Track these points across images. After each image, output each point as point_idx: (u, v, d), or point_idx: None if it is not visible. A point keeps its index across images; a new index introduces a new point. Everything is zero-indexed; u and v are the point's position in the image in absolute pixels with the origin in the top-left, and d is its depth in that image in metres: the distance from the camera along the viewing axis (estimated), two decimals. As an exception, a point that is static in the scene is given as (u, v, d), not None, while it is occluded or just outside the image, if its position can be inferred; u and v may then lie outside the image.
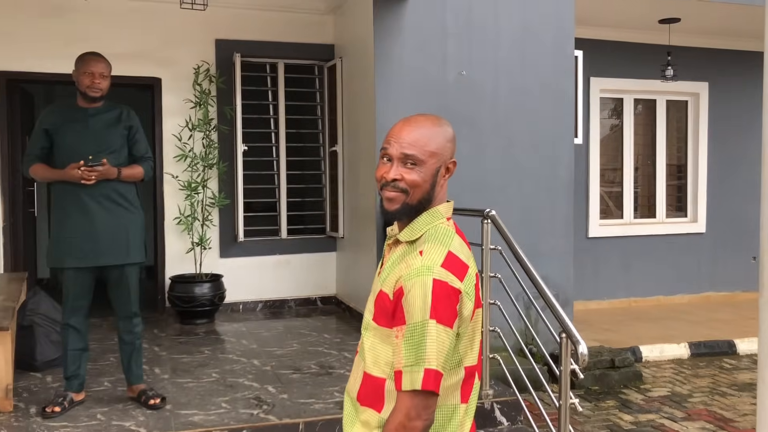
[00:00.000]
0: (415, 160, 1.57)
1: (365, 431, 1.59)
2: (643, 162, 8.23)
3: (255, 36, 6.20)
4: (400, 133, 1.59)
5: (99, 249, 3.54)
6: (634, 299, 7.93)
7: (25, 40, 5.66)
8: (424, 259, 1.50)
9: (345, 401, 1.70)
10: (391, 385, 1.55)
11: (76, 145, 3.53)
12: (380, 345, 1.57)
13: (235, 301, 6.18)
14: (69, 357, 3.62)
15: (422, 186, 1.58)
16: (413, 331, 1.46)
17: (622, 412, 4.72)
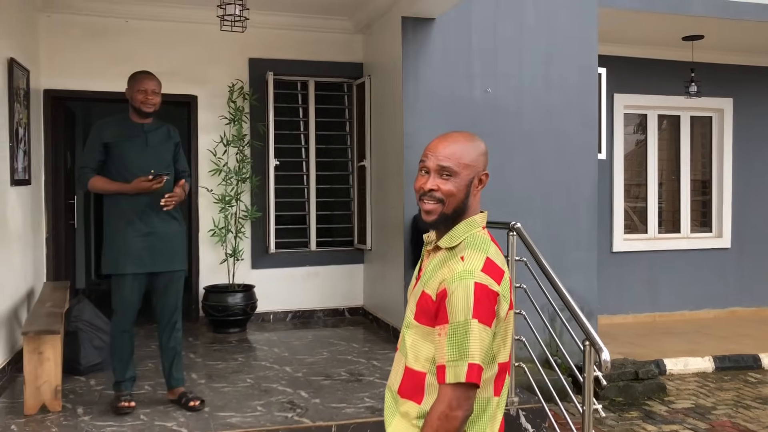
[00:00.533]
0: (450, 171, 1.72)
1: (405, 422, 1.73)
2: (668, 177, 8.30)
3: (287, 55, 6.43)
4: (437, 147, 1.75)
5: (156, 256, 3.76)
6: (659, 314, 7.97)
7: (70, 60, 5.94)
8: (465, 264, 1.65)
9: (386, 395, 1.85)
10: (431, 378, 1.69)
11: (137, 160, 3.75)
12: (421, 342, 1.72)
13: (265, 311, 6.36)
14: (126, 360, 3.83)
15: (457, 195, 1.73)
16: (456, 329, 1.60)
17: (646, 422, 4.80)
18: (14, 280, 4.81)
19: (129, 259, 3.72)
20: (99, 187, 3.77)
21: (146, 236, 3.75)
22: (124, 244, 3.72)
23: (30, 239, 5.34)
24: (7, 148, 4.59)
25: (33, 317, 4.12)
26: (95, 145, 3.78)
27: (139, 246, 3.72)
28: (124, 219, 3.74)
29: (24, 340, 3.76)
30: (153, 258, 3.76)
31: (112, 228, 3.78)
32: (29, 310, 5.09)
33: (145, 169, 3.72)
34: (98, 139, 3.78)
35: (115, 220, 3.76)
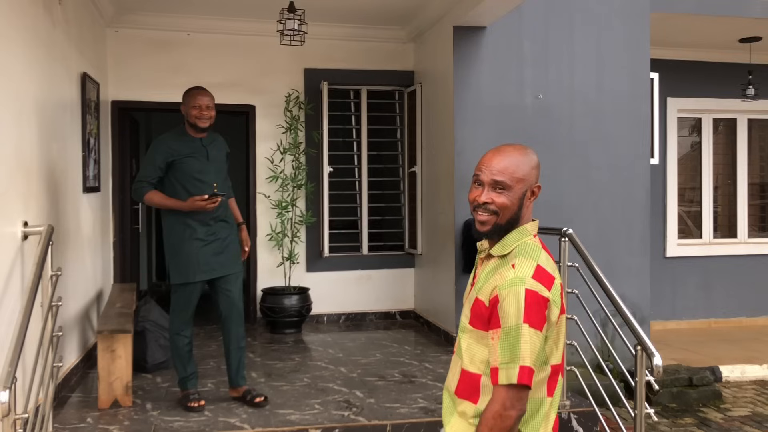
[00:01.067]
0: (504, 185, 1.81)
1: (462, 421, 1.84)
2: (724, 181, 8.16)
3: (340, 65, 6.61)
4: (491, 161, 1.84)
5: (222, 261, 3.97)
6: (715, 320, 7.84)
7: (135, 72, 6.24)
8: (516, 272, 1.75)
9: (444, 396, 1.96)
10: (486, 380, 1.79)
11: (201, 174, 3.93)
12: (475, 345, 1.82)
13: (320, 312, 6.54)
14: (186, 358, 4.05)
15: (510, 208, 1.82)
16: (508, 334, 1.70)
17: (701, 429, 4.77)
18: (86, 282, 5.09)
19: (199, 267, 3.90)
20: (156, 201, 3.93)
21: (210, 244, 3.93)
22: (192, 254, 3.89)
23: (99, 243, 5.64)
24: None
25: (105, 317, 4.38)
26: (157, 161, 3.90)
27: (206, 253, 3.91)
28: (188, 230, 3.90)
29: (98, 338, 4.00)
30: (220, 263, 3.96)
31: (176, 239, 3.93)
32: (99, 310, 5.38)
33: (209, 182, 3.92)
34: (161, 156, 3.90)
35: (178, 231, 3.92)
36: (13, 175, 3.43)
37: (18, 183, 3.50)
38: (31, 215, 3.66)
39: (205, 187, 3.90)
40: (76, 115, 4.91)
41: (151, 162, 3.93)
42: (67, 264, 4.45)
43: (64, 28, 4.53)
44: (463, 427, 1.83)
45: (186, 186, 3.92)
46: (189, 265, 3.89)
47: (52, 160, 4.22)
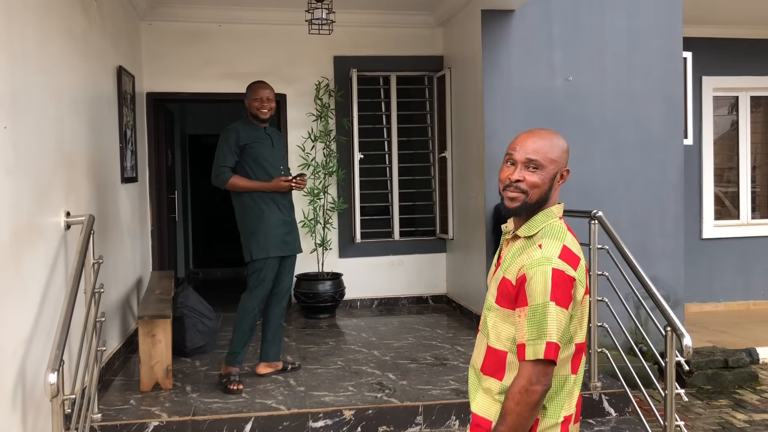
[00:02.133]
0: (537, 164, 1.84)
1: (487, 397, 1.89)
2: (762, 160, 8.00)
3: (369, 51, 6.64)
4: (525, 141, 1.87)
5: (293, 241, 4.36)
6: (753, 302, 7.72)
7: (168, 64, 6.37)
8: (543, 252, 1.78)
9: (469, 373, 2.01)
10: (512, 357, 1.84)
11: (269, 159, 4.29)
12: (501, 323, 1.86)
13: (352, 298, 6.63)
14: (249, 338, 4.28)
15: (541, 187, 1.85)
16: (535, 311, 1.74)
17: (736, 411, 4.74)
18: (126, 270, 5.26)
19: (277, 244, 4.24)
20: (240, 185, 4.21)
21: (286, 224, 4.31)
22: (271, 231, 4.23)
23: (138, 232, 5.80)
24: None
25: (145, 303, 4.53)
26: (231, 147, 4.21)
27: (282, 232, 4.27)
28: (267, 209, 4.22)
29: (139, 323, 4.15)
30: (293, 242, 4.36)
31: (255, 218, 4.23)
32: (139, 297, 5.55)
33: (276, 165, 4.32)
34: (234, 142, 4.21)
35: (256, 212, 4.22)
36: (56, 167, 3.56)
37: (60, 174, 3.64)
38: (73, 205, 3.80)
39: (272, 171, 4.27)
40: (113, 107, 5.05)
41: (227, 148, 4.22)
42: (108, 252, 4.60)
43: (100, 25, 4.65)
44: (488, 403, 1.88)
45: (255, 170, 4.24)
46: (268, 241, 4.21)
47: (92, 152, 4.36)
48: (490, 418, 1.86)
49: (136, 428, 3.60)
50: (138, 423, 3.61)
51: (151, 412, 3.75)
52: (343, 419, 3.76)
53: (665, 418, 3.28)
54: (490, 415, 1.86)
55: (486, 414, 1.87)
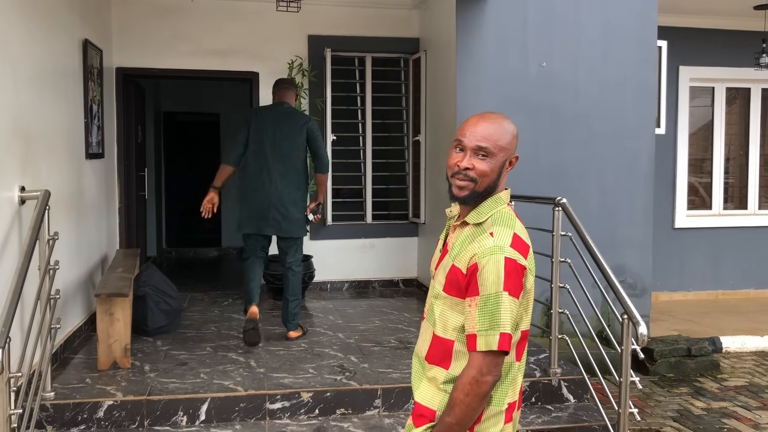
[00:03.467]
0: (487, 152, 1.80)
1: (431, 386, 1.85)
2: (736, 152, 8.04)
3: (345, 31, 6.56)
4: (476, 127, 1.82)
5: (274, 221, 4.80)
6: (722, 292, 7.80)
7: (139, 39, 6.25)
8: (495, 240, 1.75)
9: (413, 361, 1.97)
10: (458, 346, 1.80)
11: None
12: (449, 312, 1.82)
13: (323, 280, 6.60)
14: (245, 292, 4.86)
15: (490, 176, 1.81)
16: (487, 301, 1.71)
17: (695, 398, 4.79)
18: (90, 247, 5.18)
19: (251, 222, 4.84)
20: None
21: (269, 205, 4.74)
22: (246, 211, 4.81)
23: (104, 209, 5.72)
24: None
25: (105, 281, 4.46)
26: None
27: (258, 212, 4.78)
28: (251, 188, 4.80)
29: (97, 301, 4.09)
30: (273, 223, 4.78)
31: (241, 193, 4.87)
32: (103, 275, 5.47)
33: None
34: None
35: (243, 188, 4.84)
36: (10, 140, 3.48)
37: (15, 148, 3.55)
38: (30, 180, 3.72)
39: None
40: (78, 81, 4.94)
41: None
42: (70, 229, 4.52)
43: (64, -6, 4.54)
44: (432, 393, 1.85)
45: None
46: (242, 219, 4.89)
47: (53, 126, 4.27)
48: (434, 407, 1.83)
49: (89, 407, 3.56)
50: (91, 402, 3.57)
51: (106, 391, 3.70)
52: (300, 401, 3.74)
53: (620, 405, 3.30)
54: (434, 405, 1.83)
55: (430, 403, 1.84)
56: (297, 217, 4.72)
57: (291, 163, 4.68)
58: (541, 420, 3.79)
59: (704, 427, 4.27)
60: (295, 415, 3.73)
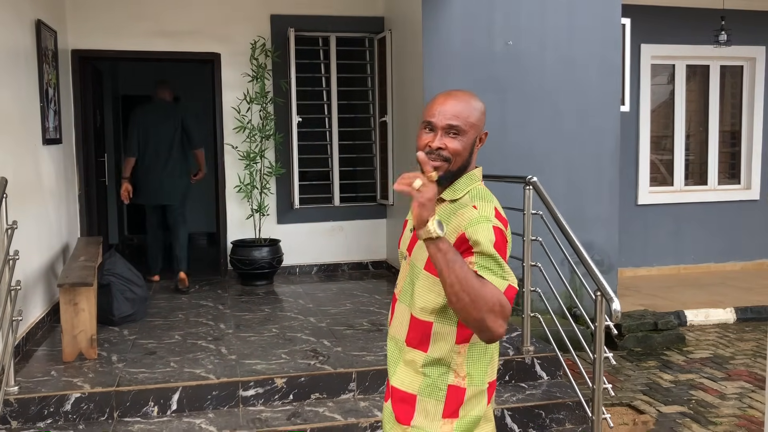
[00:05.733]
0: (458, 130, 1.75)
1: (409, 370, 1.81)
2: (696, 128, 8.18)
3: (308, 10, 6.43)
4: (444, 105, 1.76)
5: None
6: (684, 266, 7.96)
7: (96, 20, 6.03)
8: (480, 212, 1.71)
9: (389, 345, 1.92)
10: (437, 327, 1.76)
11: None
12: (427, 293, 1.77)
13: (292, 264, 6.53)
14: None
15: (462, 154, 1.76)
16: (488, 257, 1.63)
17: (663, 371, 4.89)
18: (50, 236, 5.02)
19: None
20: None
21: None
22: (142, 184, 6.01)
23: (63, 196, 5.54)
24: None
25: (68, 270, 4.32)
26: None
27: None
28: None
29: (60, 291, 3.96)
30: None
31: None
32: (65, 264, 5.31)
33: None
34: None
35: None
36: (-40, 126, 3.32)
37: (-33, 134, 3.39)
38: (-17, 168, 3.57)
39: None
40: (32, 64, 4.75)
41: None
42: (28, 217, 4.36)
43: (13, -28, 4.34)
44: (411, 377, 1.80)
45: None
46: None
47: (6, 110, 4.10)
48: (413, 391, 1.79)
49: (56, 400, 3.45)
50: (58, 395, 3.46)
51: (73, 384, 3.60)
52: (274, 387, 3.69)
53: (594, 381, 3.33)
54: (414, 389, 1.79)
55: (409, 388, 1.80)
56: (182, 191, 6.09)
57: (174, 147, 5.94)
58: (515, 398, 3.81)
59: (673, 399, 4.35)
60: (269, 401, 3.68)
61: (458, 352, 1.77)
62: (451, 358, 1.76)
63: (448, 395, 1.76)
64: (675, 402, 4.31)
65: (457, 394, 1.77)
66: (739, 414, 4.12)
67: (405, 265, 1.89)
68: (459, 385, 1.76)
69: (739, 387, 4.55)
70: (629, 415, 4.08)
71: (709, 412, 4.16)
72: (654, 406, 4.25)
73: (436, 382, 1.77)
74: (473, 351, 1.78)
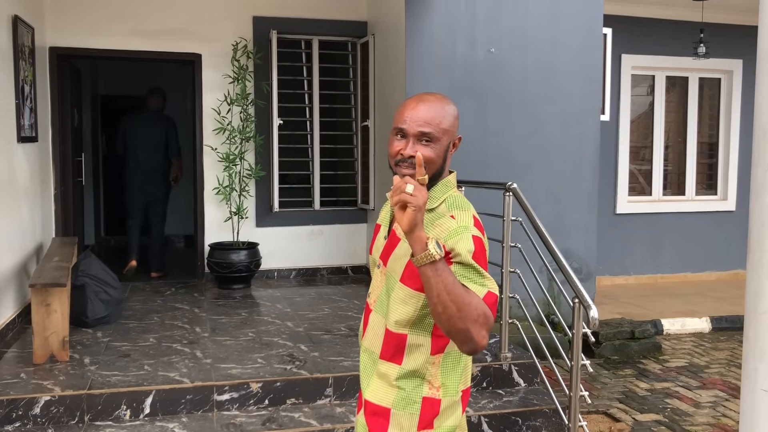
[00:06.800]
0: (431, 137, 1.69)
1: (383, 383, 1.77)
2: (675, 139, 8.26)
3: (291, 13, 6.40)
4: (415, 111, 1.69)
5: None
6: (661, 275, 8.03)
7: (74, 18, 5.95)
8: (458, 221, 1.67)
9: (362, 356, 1.87)
10: (412, 339, 1.73)
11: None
12: (401, 305, 1.73)
13: (270, 268, 6.47)
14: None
15: (436, 161, 1.72)
16: (468, 266, 1.61)
17: (639, 380, 4.91)
18: (23, 235, 4.93)
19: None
20: None
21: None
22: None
23: (38, 196, 5.44)
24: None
25: (40, 271, 4.24)
26: None
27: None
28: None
29: (32, 292, 3.88)
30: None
31: None
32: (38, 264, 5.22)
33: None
34: None
35: None
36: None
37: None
38: (-45, 164, 3.49)
39: None
40: (8, 60, 4.66)
41: None
42: (2, 216, 4.28)
43: (-10, -33, 4.26)
44: (384, 390, 1.77)
45: None
46: None
47: (-20, 107, 4.01)
48: (387, 405, 1.76)
49: (24, 403, 3.38)
50: (27, 398, 3.39)
51: (43, 386, 3.52)
52: (249, 392, 3.64)
53: (571, 388, 3.33)
54: (388, 402, 1.76)
55: (383, 401, 1.77)
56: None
57: (154, 152, 6.60)
58: (492, 404, 3.80)
59: (648, 408, 4.37)
60: (244, 406, 3.63)
61: (433, 362, 1.74)
62: (426, 369, 1.74)
63: (422, 408, 1.74)
64: (651, 410, 4.33)
65: (432, 405, 1.74)
66: (713, 422, 4.15)
67: (379, 274, 1.84)
68: (434, 397, 1.74)
69: (713, 396, 4.58)
70: (605, 423, 4.09)
71: (684, 420, 4.18)
72: (630, 414, 4.26)
73: (411, 395, 1.74)
74: (447, 360, 1.76)
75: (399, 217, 1.53)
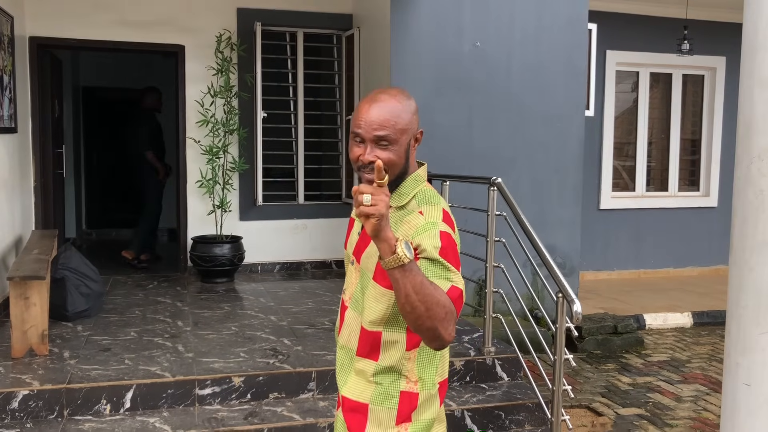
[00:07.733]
0: (388, 139, 1.63)
1: (360, 379, 1.76)
2: (658, 136, 8.31)
3: (275, 5, 6.35)
4: (369, 114, 1.63)
5: None
6: (644, 271, 8.08)
7: (55, 7, 5.86)
8: (426, 217, 1.65)
9: (338, 353, 1.86)
10: (387, 336, 1.71)
11: None
12: (375, 303, 1.71)
13: (254, 262, 6.43)
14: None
15: (398, 163, 1.67)
16: (434, 261, 1.58)
17: (622, 374, 4.93)
18: (1, 228, 4.85)
19: None
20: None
21: None
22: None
23: (17, 187, 5.36)
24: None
25: (19, 263, 4.18)
26: None
27: None
28: None
29: (10, 285, 3.82)
30: None
31: None
32: (17, 257, 5.14)
33: None
34: None
35: None
36: None
37: None
38: (-69, 154, 3.42)
39: None
40: (-14, 49, 4.59)
41: None
42: (-22, 208, 4.21)
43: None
44: (362, 386, 1.75)
45: None
46: None
47: (-43, 96, 3.94)
48: (365, 401, 1.74)
49: (2, 398, 3.32)
50: (4, 392, 3.34)
51: (21, 380, 3.47)
52: (231, 386, 3.61)
53: (554, 383, 3.33)
54: (366, 398, 1.74)
55: (360, 397, 1.75)
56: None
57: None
58: (475, 399, 3.80)
59: (631, 402, 4.40)
60: (226, 400, 3.60)
61: (409, 358, 1.73)
62: (402, 365, 1.72)
63: (400, 402, 1.72)
64: (633, 404, 4.36)
65: (410, 399, 1.73)
66: (695, 416, 4.18)
67: (353, 271, 1.82)
68: (411, 391, 1.73)
69: (694, 390, 4.61)
70: (588, 417, 4.11)
71: (665, 414, 4.21)
72: (612, 408, 4.29)
73: (388, 390, 1.73)
74: (423, 355, 1.74)
75: (364, 223, 1.49)
